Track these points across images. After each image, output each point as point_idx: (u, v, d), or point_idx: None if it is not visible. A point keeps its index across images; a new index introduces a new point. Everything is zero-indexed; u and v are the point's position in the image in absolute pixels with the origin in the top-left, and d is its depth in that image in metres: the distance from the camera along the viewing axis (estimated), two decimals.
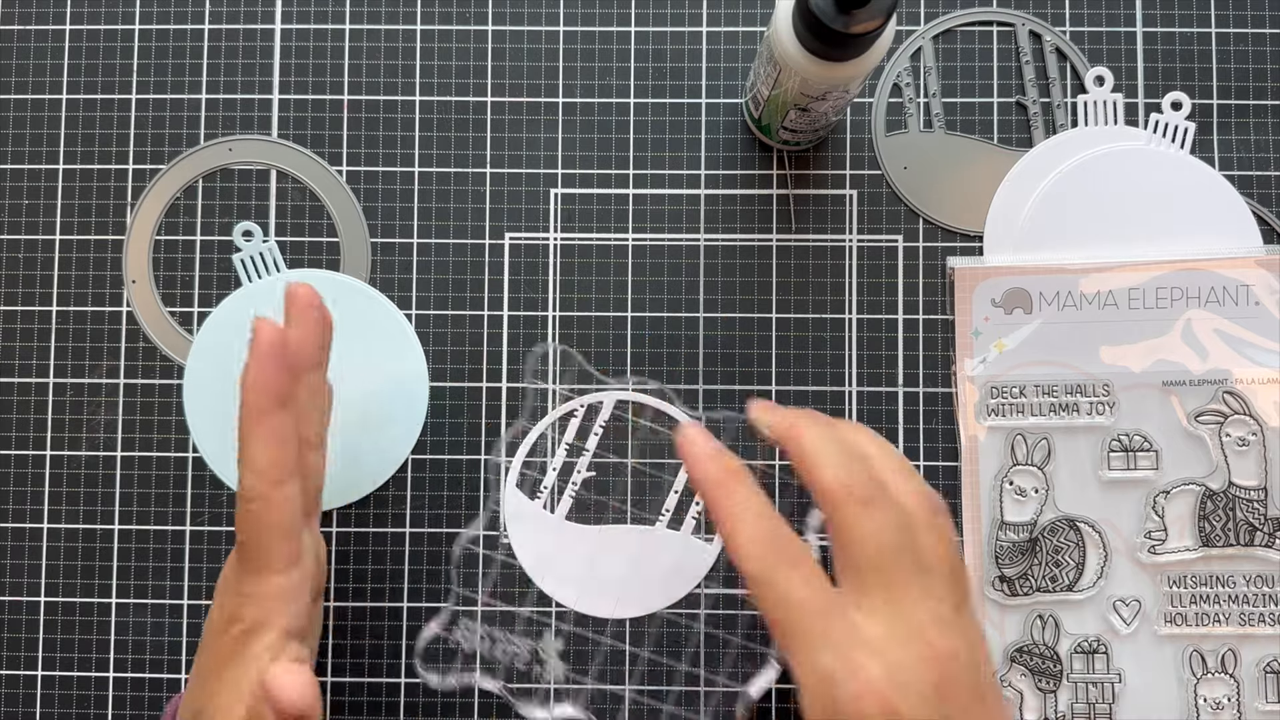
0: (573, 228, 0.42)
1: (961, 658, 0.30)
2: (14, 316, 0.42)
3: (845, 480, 0.31)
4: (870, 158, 0.42)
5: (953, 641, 0.30)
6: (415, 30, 0.43)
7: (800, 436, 0.32)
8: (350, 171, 0.42)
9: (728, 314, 0.42)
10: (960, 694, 0.29)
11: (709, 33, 0.42)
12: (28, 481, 0.42)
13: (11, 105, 0.43)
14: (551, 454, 0.41)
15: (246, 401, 0.31)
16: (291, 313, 0.33)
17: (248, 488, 0.31)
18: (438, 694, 0.40)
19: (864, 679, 0.29)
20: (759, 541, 0.31)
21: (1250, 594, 0.39)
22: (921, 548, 0.31)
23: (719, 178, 0.42)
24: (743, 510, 0.31)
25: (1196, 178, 0.41)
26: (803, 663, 0.30)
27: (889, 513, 0.31)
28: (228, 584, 0.33)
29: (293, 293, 0.33)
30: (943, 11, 0.42)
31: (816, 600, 0.30)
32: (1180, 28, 0.42)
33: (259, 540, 0.32)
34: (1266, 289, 0.40)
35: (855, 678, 0.29)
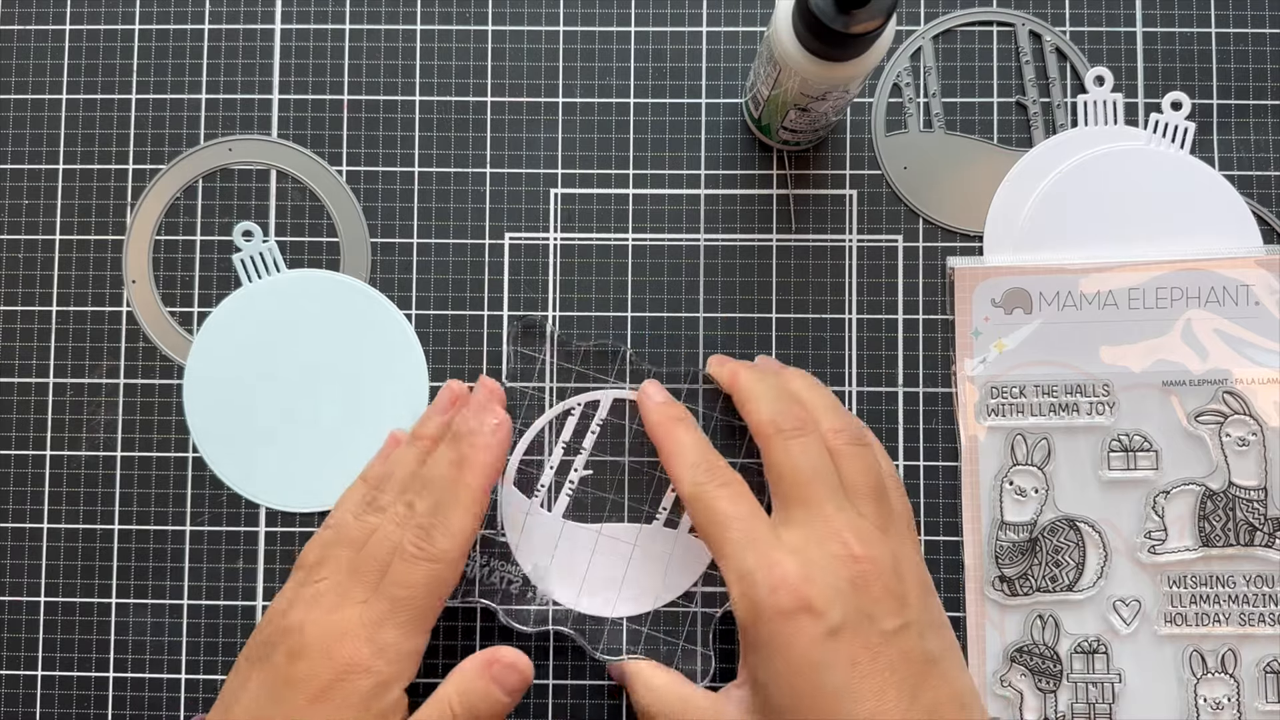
0: (573, 228, 0.42)
1: (880, 564, 0.34)
2: (14, 316, 0.43)
3: (774, 416, 0.36)
4: (870, 158, 0.42)
5: (871, 550, 0.34)
6: (415, 30, 0.43)
7: (738, 380, 0.38)
8: (350, 171, 0.43)
9: (728, 314, 0.42)
10: (875, 591, 0.33)
11: (709, 32, 0.43)
12: (28, 481, 0.42)
13: (11, 105, 0.43)
14: (549, 452, 0.42)
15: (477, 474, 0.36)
16: None
17: (443, 551, 0.36)
18: None
19: (779, 574, 0.33)
20: (694, 467, 0.36)
21: (1250, 594, 0.40)
22: (844, 472, 0.35)
23: (719, 178, 0.42)
24: (681, 445, 0.37)
25: (1196, 178, 0.42)
26: (729, 568, 0.34)
27: (812, 442, 0.35)
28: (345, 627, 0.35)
29: None
30: (943, 11, 0.43)
31: (741, 512, 0.34)
32: (1180, 27, 0.43)
33: (431, 602, 0.35)
34: (1266, 289, 0.40)
35: (771, 573, 0.33)
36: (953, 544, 0.41)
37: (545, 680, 0.41)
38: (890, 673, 0.32)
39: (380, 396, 0.42)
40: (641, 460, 0.41)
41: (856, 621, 0.32)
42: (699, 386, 0.41)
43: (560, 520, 0.41)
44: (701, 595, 0.40)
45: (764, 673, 0.33)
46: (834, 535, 0.34)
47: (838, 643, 0.32)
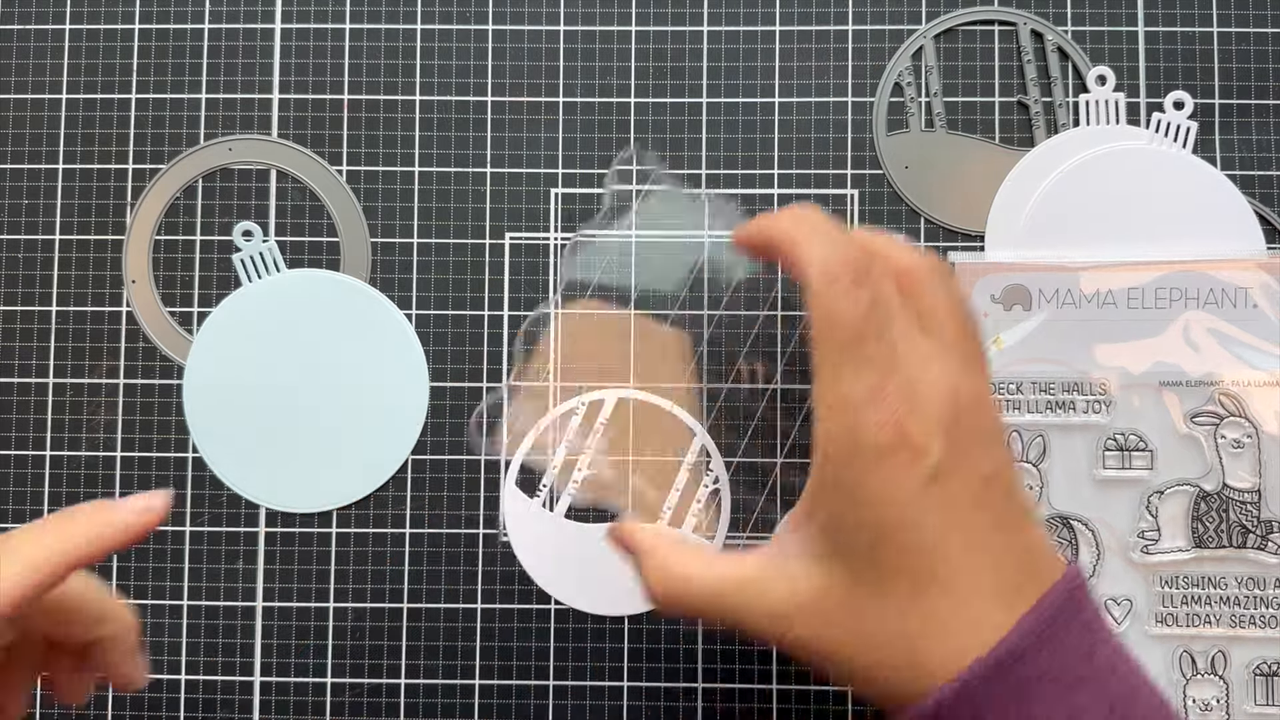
0: (573, 228, 0.45)
1: (976, 404, 0.32)
2: (14, 316, 0.45)
3: (838, 257, 0.32)
4: (871, 157, 0.45)
5: (969, 389, 0.32)
6: (415, 30, 0.45)
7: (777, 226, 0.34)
8: (350, 171, 0.45)
9: (728, 312, 0.44)
10: (972, 434, 0.32)
11: (709, 32, 0.45)
12: (28, 481, 0.44)
13: (11, 105, 0.45)
14: (551, 452, 0.44)
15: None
16: None
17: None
18: (438, 694, 0.44)
19: (886, 407, 0.31)
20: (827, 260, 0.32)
21: (1241, 596, 0.42)
22: (927, 307, 0.33)
23: (719, 178, 0.45)
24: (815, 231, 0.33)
25: (1198, 177, 0.44)
26: (828, 389, 0.32)
27: (887, 282, 0.33)
28: None
29: None
30: (944, 11, 0.45)
31: (871, 322, 0.32)
32: (1182, 27, 0.45)
33: None
34: (1265, 291, 0.43)
35: (878, 404, 0.31)
36: None
37: (546, 681, 0.43)
38: (985, 519, 0.31)
39: (380, 396, 0.44)
40: (645, 460, 0.44)
41: (955, 464, 0.31)
42: None
43: (562, 520, 0.44)
44: None
45: (846, 516, 0.32)
46: (927, 362, 0.32)
47: (936, 485, 0.31)
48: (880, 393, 0.31)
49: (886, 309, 0.33)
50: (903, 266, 0.34)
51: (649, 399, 0.44)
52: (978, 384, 0.33)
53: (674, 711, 0.43)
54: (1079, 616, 0.31)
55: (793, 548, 0.33)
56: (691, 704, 0.43)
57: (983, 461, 0.32)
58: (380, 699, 0.43)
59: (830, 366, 0.32)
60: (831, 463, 0.32)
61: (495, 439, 0.43)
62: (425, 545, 0.44)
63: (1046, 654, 0.30)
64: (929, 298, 0.34)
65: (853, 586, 0.32)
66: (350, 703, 0.43)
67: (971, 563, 0.31)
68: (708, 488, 0.44)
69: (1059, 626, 0.31)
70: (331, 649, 0.44)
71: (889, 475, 0.31)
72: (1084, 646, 0.31)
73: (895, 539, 0.31)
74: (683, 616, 0.36)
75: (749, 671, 0.43)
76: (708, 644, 0.43)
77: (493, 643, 0.44)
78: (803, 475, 0.33)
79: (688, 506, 0.44)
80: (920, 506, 0.31)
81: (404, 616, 0.44)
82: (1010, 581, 0.31)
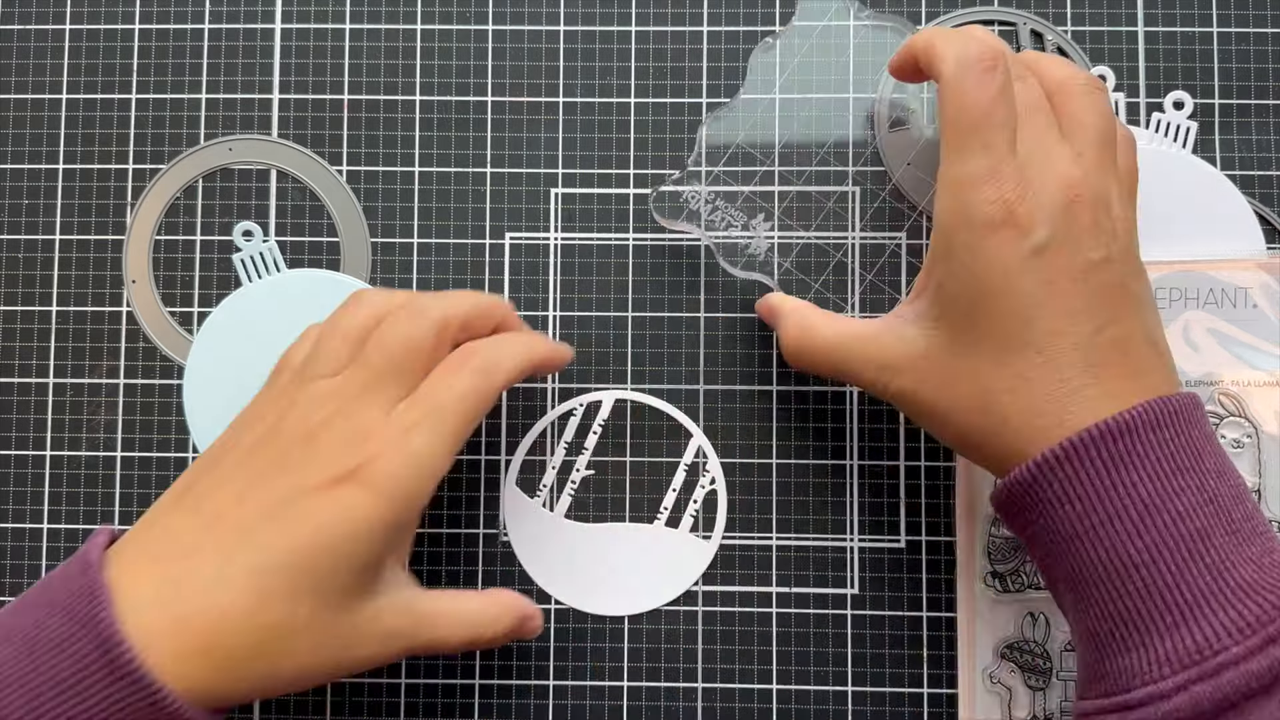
0: (573, 228, 0.45)
1: (1097, 195, 0.35)
2: (14, 316, 0.45)
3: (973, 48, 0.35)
4: (872, 154, 0.45)
5: (1090, 179, 0.35)
6: (415, 30, 0.46)
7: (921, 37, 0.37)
8: (350, 171, 0.46)
9: (729, 314, 0.45)
10: (1085, 220, 0.34)
11: (709, 32, 0.46)
12: (28, 481, 0.45)
13: (11, 105, 0.46)
14: (551, 452, 0.45)
15: None
16: None
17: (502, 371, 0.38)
18: (438, 694, 0.44)
19: (998, 186, 0.34)
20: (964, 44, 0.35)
21: None
22: (1071, 110, 0.36)
23: (720, 176, 0.45)
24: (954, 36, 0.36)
25: (1199, 177, 0.45)
26: (951, 166, 0.35)
27: (1031, 82, 0.36)
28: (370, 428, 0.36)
29: None
30: (944, 11, 0.46)
31: (996, 117, 0.35)
32: (1182, 27, 0.45)
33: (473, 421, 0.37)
34: (1265, 292, 0.44)
35: (992, 183, 0.34)
36: (946, 541, 0.44)
37: (546, 681, 0.44)
38: (1084, 298, 0.34)
39: None
40: (643, 460, 0.45)
41: (1061, 244, 0.34)
42: None
43: (562, 520, 0.44)
44: (702, 595, 0.44)
45: (954, 282, 0.35)
46: (1050, 156, 0.35)
47: (1039, 261, 0.34)
48: (995, 174, 0.34)
49: (1019, 101, 0.35)
50: (1057, 78, 0.37)
51: (646, 400, 0.45)
52: (1105, 184, 0.36)
53: (674, 711, 0.43)
54: (1199, 425, 0.34)
55: (909, 313, 0.37)
56: (691, 704, 0.43)
57: (1092, 248, 0.34)
58: (380, 699, 0.44)
59: (954, 148, 0.35)
60: (944, 234, 0.35)
61: None
62: (425, 545, 0.44)
63: (1158, 437, 0.33)
64: (1076, 108, 0.36)
65: (952, 345, 0.36)
66: (350, 703, 0.44)
67: (1064, 333, 0.34)
68: (704, 488, 0.44)
69: (1178, 421, 0.33)
70: None
71: (994, 247, 0.34)
72: (1195, 447, 0.33)
73: (993, 303, 0.34)
74: (809, 369, 0.40)
75: (749, 671, 0.43)
76: (708, 644, 0.44)
77: None
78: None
79: (685, 507, 0.44)
80: (1019, 276, 0.34)
81: None
82: (1105, 361, 0.34)
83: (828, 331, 0.39)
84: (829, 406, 0.44)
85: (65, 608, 0.33)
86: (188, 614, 0.33)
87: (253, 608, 0.33)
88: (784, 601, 0.44)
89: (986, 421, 0.35)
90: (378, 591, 0.36)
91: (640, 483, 0.44)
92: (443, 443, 0.36)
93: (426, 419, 0.36)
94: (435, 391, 0.36)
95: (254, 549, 0.34)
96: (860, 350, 0.38)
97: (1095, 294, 0.34)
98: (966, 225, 0.35)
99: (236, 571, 0.34)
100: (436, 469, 0.36)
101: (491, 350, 0.38)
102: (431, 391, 0.36)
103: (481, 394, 0.37)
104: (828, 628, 0.44)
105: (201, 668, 0.33)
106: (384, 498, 0.35)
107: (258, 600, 0.33)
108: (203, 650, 0.33)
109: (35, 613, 0.33)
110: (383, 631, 0.36)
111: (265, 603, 0.34)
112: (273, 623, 0.34)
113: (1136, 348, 0.35)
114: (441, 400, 0.36)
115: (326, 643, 0.35)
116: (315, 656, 0.35)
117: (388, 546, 0.36)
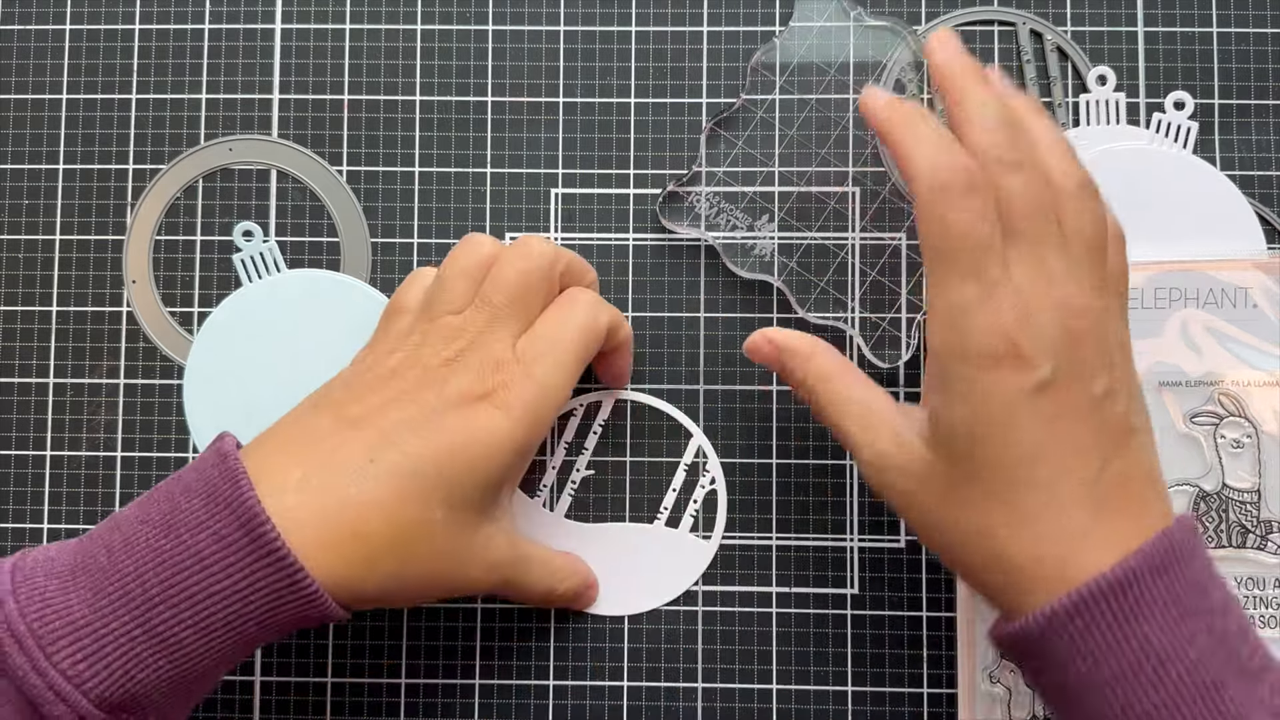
0: (573, 228, 0.46)
1: (1097, 321, 0.34)
2: (14, 316, 0.46)
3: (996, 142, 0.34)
4: (872, 154, 0.46)
5: (1090, 305, 0.33)
6: (415, 30, 0.46)
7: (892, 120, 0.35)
8: (350, 171, 0.46)
9: (728, 314, 0.45)
10: (1087, 350, 0.33)
11: (709, 32, 0.46)
12: (28, 481, 0.45)
13: (11, 105, 0.46)
14: (551, 453, 0.45)
15: None
16: None
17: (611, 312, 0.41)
18: (438, 693, 0.44)
19: (997, 315, 0.33)
20: (935, 168, 0.33)
21: (1241, 596, 0.42)
22: (1067, 216, 0.34)
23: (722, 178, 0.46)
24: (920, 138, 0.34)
25: (1199, 177, 0.45)
26: (942, 294, 0.33)
27: (1038, 176, 0.34)
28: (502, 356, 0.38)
29: None
30: (943, 11, 0.46)
31: (979, 236, 0.33)
32: (1182, 27, 0.46)
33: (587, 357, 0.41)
34: (1264, 291, 0.44)
35: (989, 312, 0.33)
36: None
37: (546, 681, 0.44)
38: (1089, 435, 0.33)
39: None
40: (643, 460, 0.45)
41: (1065, 379, 0.33)
42: None
43: (562, 520, 0.45)
44: (702, 595, 0.44)
45: (951, 415, 0.34)
46: (1054, 283, 0.33)
47: (1042, 399, 0.32)
48: (989, 301, 0.33)
49: (1013, 203, 0.33)
50: (1050, 177, 0.35)
51: (646, 400, 0.45)
52: (1106, 304, 0.34)
53: (674, 711, 0.44)
54: (1200, 555, 0.33)
55: (914, 428, 0.35)
56: (691, 704, 0.44)
57: (1097, 382, 0.33)
58: (380, 699, 0.44)
59: (940, 273, 0.33)
60: (939, 364, 0.34)
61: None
62: None
63: (1164, 582, 0.32)
64: (1071, 214, 0.34)
65: (951, 471, 0.34)
66: (350, 703, 0.44)
67: (1070, 472, 0.33)
68: (704, 488, 0.44)
69: (1181, 559, 0.32)
70: (331, 649, 0.44)
71: (995, 382, 0.33)
72: (1200, 582, 0.32)
73: (994, 441, 0.33)
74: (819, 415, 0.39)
75: (749, 671, 0.44)
76: (707, 644, 0.44)
77: (493, 643, 0.44)
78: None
79: (684, 507, 0.44)
80: (1023, 415, 0.32)
81: (404, 616, 0.44)
82: (1107, 499, 0.33)
83: (849, 388, 0.37)
84: None
85: (204, 493, 0.34)
86: (330, 504, 0.35)
87: (393, 505, 0.35)
88: (784, 601, 0.44)
89: (983, 553, 0.34)
90: (494, 517, 0.39)
91: (640, 483, 0.44)
92: (563, 373, 0.38)
93: (549, 352, 0.38)
94: (552, 327, 0.39)
95: (398, 452, 0.36)
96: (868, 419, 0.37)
97: (1100, 430, 0.33)
98: (962, 357, 0.33)
99: (380, 470, 0.35)
100: (559, 398, 0.38)
101: (595, 294, 0.41)
102: (549, 327, 0.39)
103: (592, 331, 0.39)
104: (828, 628, 0.44)
105: (339, 556, 0.35)
106: (515, 420, 0.37)
107: (398, 499, 0.35)
108: (343, 539, 0.35)
109: (170, 500, 0.35)
110: (491, 559, 0.38)
111: (405, 502, 0.35)
112: (410, 521, 0.36)
113: (1138, 484, 0.34)
114: (559, 334, 0.39)
115: (449, 551, 0.37)
116: (438, 564, 0.37)
117: (513, 468, 0.38)
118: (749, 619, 0.44)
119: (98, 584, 0.33)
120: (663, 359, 0.45)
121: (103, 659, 0.32)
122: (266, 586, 0.34)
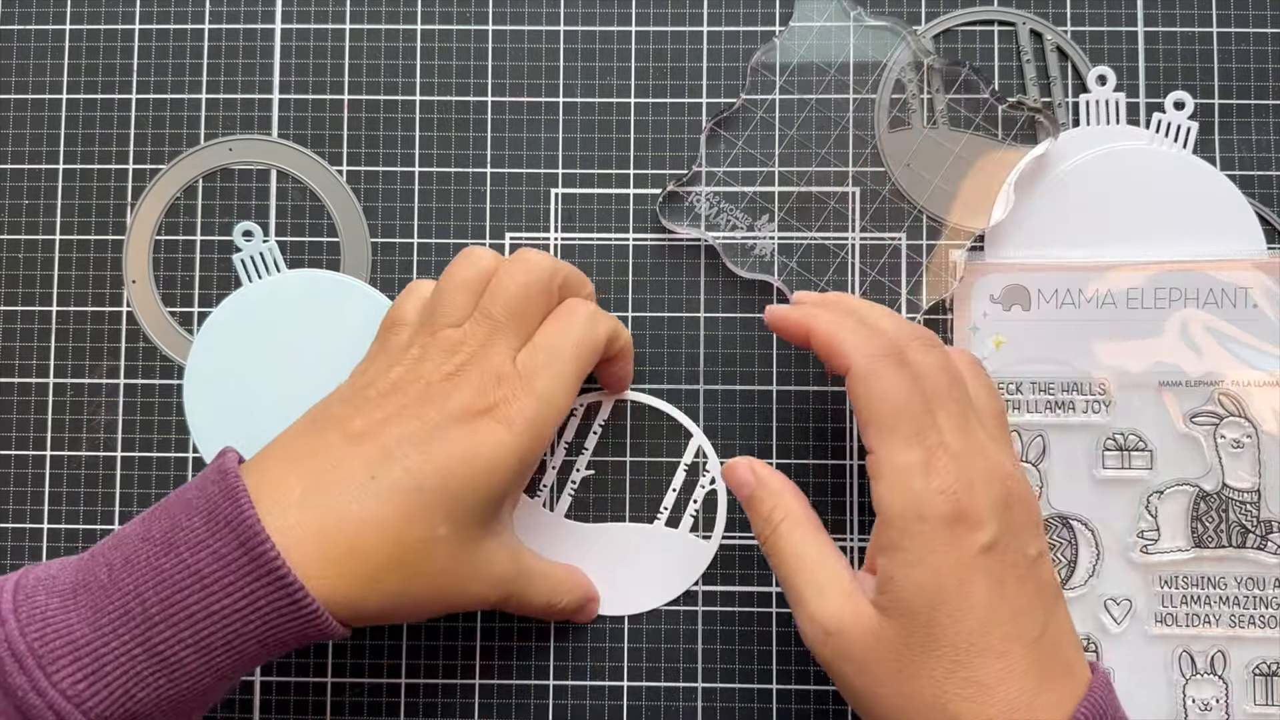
0: (573, 228, 0.46)
1: (1022, 485, 0.36)
2: (14, 316, 0.46)
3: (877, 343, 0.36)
4: (872, 154, 0.46)
5: (1014, 470, 0.36)
6: (415, 30, 0.46)
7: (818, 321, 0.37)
8: (350, 171, 0.46)
9: (728, 314, 0.45)
10: (1019, 513, 0.35)
11: (709, 32, 0.46)
12: (28, 481, 0.45)
13: (11, 105, 0.46)
14: (551, 453, 0.45)
15: None
16: None
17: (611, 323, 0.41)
18: (438, 693, 0.44)
19: (944, 478, 0.34)
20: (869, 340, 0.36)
21: (1241, 596, 0.43)
22: (969, 387, 0.37)
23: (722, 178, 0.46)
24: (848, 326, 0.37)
25: (1198, 177, 0.45)
26: (887, 456, 0.35)
27: (942, 352, 0.37)
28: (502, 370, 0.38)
29: None
30: (943, 11, 0.46)
31: (914, 405, 0.35)
32: (1182, 27, 0.46)
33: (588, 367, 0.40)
34: (1264, 291, 0.44)
35: (936, 475, 0.34)
36: None
37: (546, 681, 0.44)
38: (1028, 598, 0.34)
39: None
40: (643, 460, 0.45)
41: (1006, 541, 0.34)
42: None
43: (562, 520, 0.45)
44: (702, 595, 0.44)
45: (907, 579, 0.34)
46: (982, 449, 0.35)
47: (989, 560, 0.33)
48: (933, 465, 0.34)
49: (933, 383, 0.36)
50: (947, 358, 0.37)
51: (646, 400, 0.45)
52: (1021, 473, 0.37)
53: (674, 711, 0.44)
54: (1119, 708, 0.35)
55: (865, 592, 0.36)
56: (691, 704, 0.44)
57: (1031, 544, 0.35)
58: (380, 699, 0.44)
59: (883, 439, 0.35)
60: (892, 526, 0.34)
61: None
62: None
63: None
64: (972, 388, 0.37)
65: (905, 645, 0.34)
66: (350, 702, 0.44)
67: (1019, 637, 0.33)
68: (704, 488, 0.44)
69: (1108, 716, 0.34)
70: (331, 649, 0.44)
71: (950, 540, 0.34)
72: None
73: (950, 605, 0.33)
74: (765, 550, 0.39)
75: (749, 671, 0.44)
76: (707, 644, 0.44)
77: (493, 643, 0.44)
78: None
79: (685, 507, 0.44)
80: (978, 575, 0.33)
81: None
82: (1047, 662, 0.34)
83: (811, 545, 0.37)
84: (829, 406, 0.45)
85: (204, 511, 0.34)
86: (331, 521, 0.35)
87: (396, 522, 0.35)
88: (784, 601, 0.44)
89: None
90: (495, 531, 0.39)
91: (640, 483, 0.45)
92: (563, 385, 0.38)
93: (549, 365, 0.38)
94: (552, 339, 0.39)
95: (400, 468, 0.36)
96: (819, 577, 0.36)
97: (1038, 591, 0.34)
98: (919, 518, 0.34)
99: (382, 487, 0.35)
100: (560, 410, 0.38)
101: (594, 306, 0.41)
102: (549, 339, 0.39)
103: (591, 342, 0.39)
104: None
105: (341, 575, 0.35)
106: (518, 434, 0.37)
107: (402, 516, 0.35)
108: (344, 557, 0.35)
109: (171, 517, 0.35)
110: (495, 574, 0.38)
111: (408, 519, 0.35)
112: (413, 539, 0.35)
113: (1066, 643, 0.35)
114: (559, 347, 0.39)
115: (452, 568, 0.37)
116: (441, 580, 0.37)
117: (515, 483, 0.38)
118: (749, 619, 0.44)
119: (98, 602, 0.33)
120: (663, 359, 0.45)
121: (103, 678, 0.32)
122: (267, 605, 0.33)
